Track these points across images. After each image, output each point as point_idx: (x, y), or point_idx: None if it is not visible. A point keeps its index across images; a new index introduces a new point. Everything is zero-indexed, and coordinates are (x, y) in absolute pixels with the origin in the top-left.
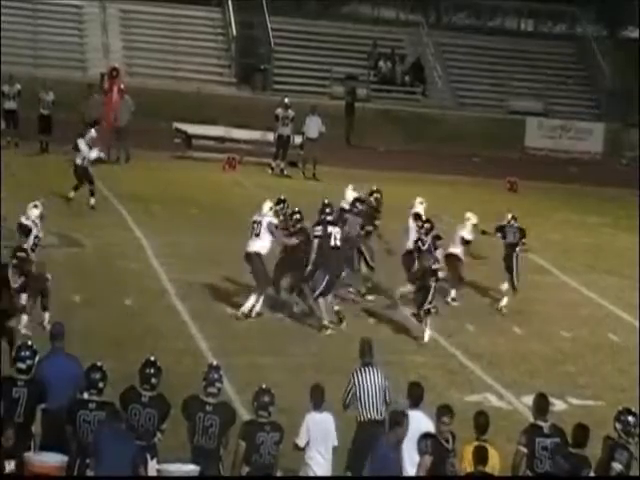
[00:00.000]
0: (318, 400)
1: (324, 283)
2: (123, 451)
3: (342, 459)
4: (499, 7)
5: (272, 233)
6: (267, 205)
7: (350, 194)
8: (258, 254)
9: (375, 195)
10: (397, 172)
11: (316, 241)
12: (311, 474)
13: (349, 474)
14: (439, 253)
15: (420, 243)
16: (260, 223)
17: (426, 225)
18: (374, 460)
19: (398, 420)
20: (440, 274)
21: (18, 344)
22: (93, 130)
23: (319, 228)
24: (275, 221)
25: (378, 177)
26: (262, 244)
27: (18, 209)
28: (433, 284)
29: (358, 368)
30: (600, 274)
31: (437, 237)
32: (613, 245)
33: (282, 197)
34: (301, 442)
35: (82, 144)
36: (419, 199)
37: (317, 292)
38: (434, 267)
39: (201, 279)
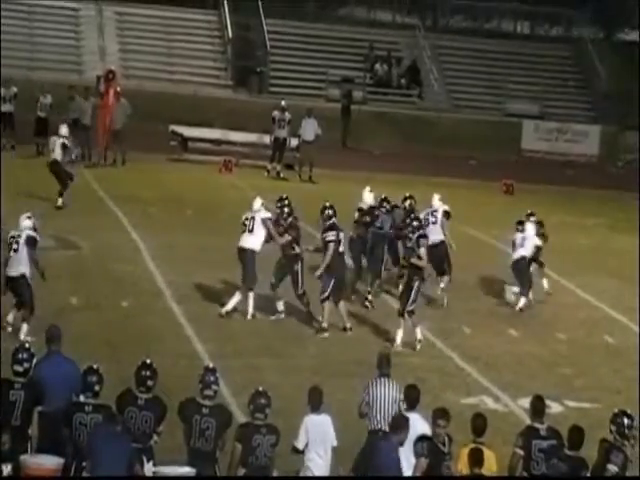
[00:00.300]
0: (316, 402)
1: (330, 287)
2: (119, 453)
3: (341, 459)
4: (495, 10)
5: (267, 228)
6: (258, 202)
7: (368, 196)
8: (252, 251)
9: (409, 201)
10: (393, 174)
11: (332, 245)
12: (310, 475)
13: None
14: (422, 252)
15: (407, 240)
16: (253, 219)
17: (414, 223)
18: (377, 462)
19: (401, 424)
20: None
21: (16, 346)
22: (65, 126)
23: (333, 233)
24: (269, 215)
25: (374, 180)
26: (256, 240)
27: (16, 212)
28: (417, 284)
29: (374, 379)
30: (596, 276)
31: (422, 236)
32: (608, 247)
33: (284, 195)
34: (300, 445)
35: (56, 142)
36: (438, 196)
37: (324, 295)
38: (415, 262)
39: (197, 281)
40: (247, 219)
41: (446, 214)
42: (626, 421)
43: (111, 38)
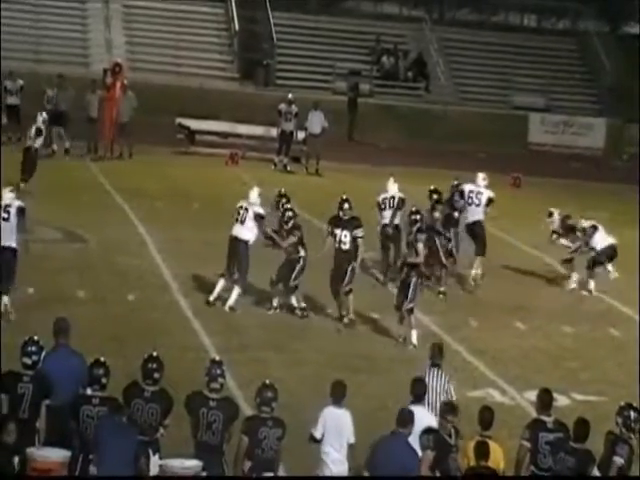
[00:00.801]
0: (338, 396)
1: (353, 279)
2: (124, 445)
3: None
4: (502, 3)
5: (259, 225)
6: (255, 192)
7: (392, 186)
8: (246, 243)
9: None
10: (399, 168)
11: (361, 241)
12: (327, 470)
13: None
14: (420, 248)
15: (409, 235)
16: (247, 211)
17: (414, 217)
18: (382, 457)
19: (407, 418)
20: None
21: (25, 339)
22: (43, 114)
23: (362, 229)
24: (262, 212)
25: (380, 173)
26: (249, 233)
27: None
28: (413, 279)
29: (426, 368)
30: (601, 269)
31: (420, 230)
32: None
33: (282, 191)
34: (317, 434)
35: (32, 128)
36: (482, 175)
37: (347, 288)
38: (412, 261)
39: (203, 275)
40: (241, 208)
41: (489, 201)
42: (632, 414)
43: (118, 31)
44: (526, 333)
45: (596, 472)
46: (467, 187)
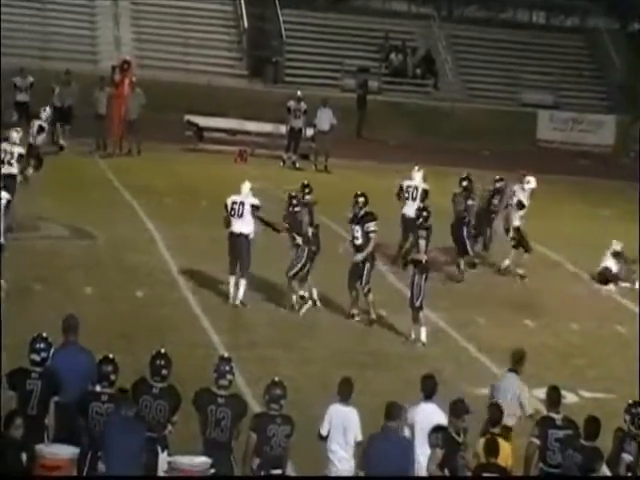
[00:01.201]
0: (345, 393)
1: (370, 279)
2: (132, 440)
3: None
4: (510, 0)
5: (255, 216)
6: (247, 186)
7: (416, 174)
8: (247, 237)
9: (499, 184)
10: (408, 165)
11: (373, 236)
12: (333, 468)
13: None
14: (422, 245)
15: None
16: (243, 204)
17: (418, 213)
18: (376, 456)
19: (395, 412)
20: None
21: (33, 336)
22: (47, 109)
23: (375, 223)
24: (257, 202)
25: (389, 169)
26: (249, 227)
27: (27, 202)
28: (416, 277)
29: (505, 372)
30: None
31: (422, 227)
32: (622, 237)
33: (306, 182)
34: (323, 431)
35: (34, 124)
36: (528, 178)
37: (366, 288)
38: (414, 257)
39: (211, 272)
40: (235, 203)
41: (519, 204)
42: None
43: (126, 28)
44: (534, 330)
45: (605, 469)
46: (509, 188)
